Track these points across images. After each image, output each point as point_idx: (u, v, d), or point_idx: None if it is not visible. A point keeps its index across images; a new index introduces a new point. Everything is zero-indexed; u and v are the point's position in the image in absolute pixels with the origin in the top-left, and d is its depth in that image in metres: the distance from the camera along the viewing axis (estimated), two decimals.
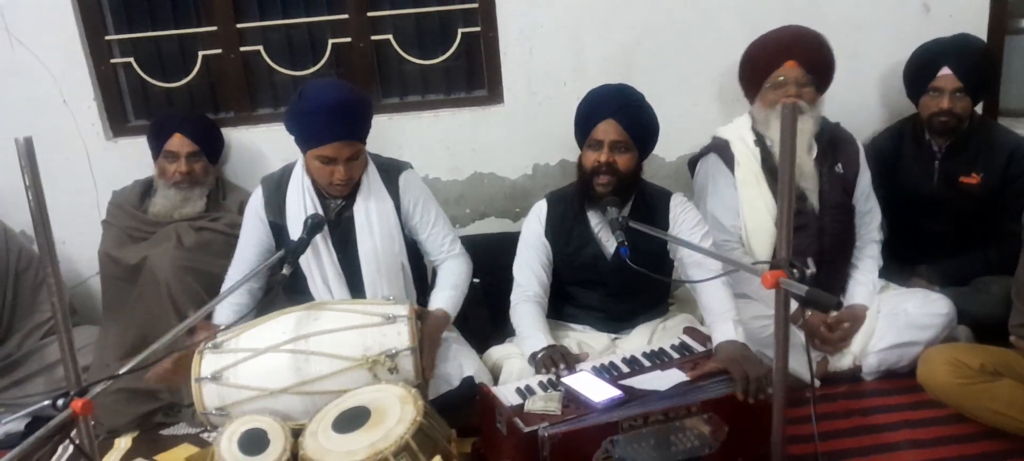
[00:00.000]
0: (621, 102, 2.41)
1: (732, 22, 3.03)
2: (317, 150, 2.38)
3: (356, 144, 2.42)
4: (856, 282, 2.76)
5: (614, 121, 2.37)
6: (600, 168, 2.37)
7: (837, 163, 2.70)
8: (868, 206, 2.78)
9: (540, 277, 2.51)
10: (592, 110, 2.44)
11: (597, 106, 2.43)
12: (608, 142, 2.36)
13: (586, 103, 2.49)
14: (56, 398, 1.53)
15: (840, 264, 2.77)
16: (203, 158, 2.92)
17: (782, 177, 1.62)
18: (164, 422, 2.74)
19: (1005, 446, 2.23)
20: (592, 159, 2.40)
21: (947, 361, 2.26)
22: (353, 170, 2.43)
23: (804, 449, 2.17)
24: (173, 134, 2.87)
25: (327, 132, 2.35)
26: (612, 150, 2.36)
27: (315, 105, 2.36)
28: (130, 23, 3.16)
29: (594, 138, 2.40)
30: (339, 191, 2.46)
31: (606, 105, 2.41)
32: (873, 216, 2.80)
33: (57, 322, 1.57)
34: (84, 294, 3.29)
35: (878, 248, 2.81)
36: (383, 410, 2.05)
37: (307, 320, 2.27)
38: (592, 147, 2.41)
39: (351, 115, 2.39)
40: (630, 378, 2.13)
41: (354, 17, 3.12)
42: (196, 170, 2.89)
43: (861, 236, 2.79)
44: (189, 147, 2.87)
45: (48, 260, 1.55)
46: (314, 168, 2.43)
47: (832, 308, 1.52)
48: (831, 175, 2.68)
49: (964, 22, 2.99)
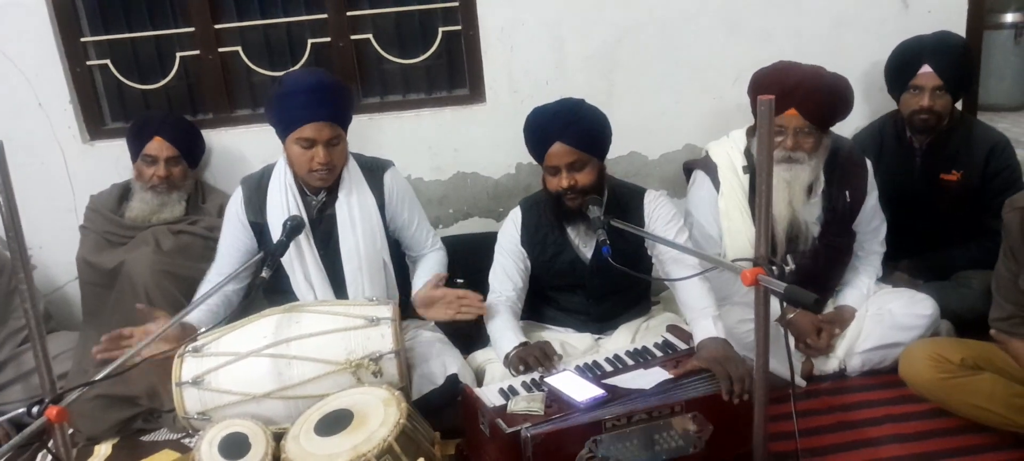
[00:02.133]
0: (565, 121, 2.33)
1: (713, 20, 3.04)
2: (296, 133, 2.37)
3: (335, 127, 2.41)
4: (849, 285, 2.75)
5: (562, 143, 2.30)
6: (565, 192, 2.34)
7: (845, 191, 2.61)
8: (874, 225, 2.73)
9: (515, 283, 2.50)
10: (539, 136, 2.36)
11: (543, 131, 2.35)
12: (564, 166, 2.32)
13: (531, 129, 2.40)
14: (31, 405, 1.51)
15: (834, 280, 2.76)
16: (182, 163, 2.89)
17: (760, 175, 1.62)
18: (144, 428, 2.70)
19: (986, 440, 2.24)
20: (554, 184, 2.35)
21: (928, 356, 2.27)
22: (334, 156, 2.41)
23: (788, 446, 2.17)
24: (153, 137, 2.83)
25: (305, 113, 2.35)
26: (570, 171, 2.32)
27: (293, 87, 2.39)
28: (106, 25, 3.12)
29: (549, 164, 2.34)
30: (320, 180, 2.44)
31: (551, 129, 2.33)
32: (878, 232, 2.75)
33: (30, 329, 1.55)
34: (61, 300, 3.25)
35: (879, 258, 2.79)
36: (366, 413, 2.04)
37: (288, 323, 2.25)
38: (550, 172, 2.36)
39: (329, 97, 2.40)
40: (613, 377, 2.13)
41: (333, 16, 3.09)
42: (175, 174, 2.86)
43: (863, 247, 2.76)
44: (169, 151, 2.84)
45: (20, 266, 1.52)
46: (294, 155, 2.42)
47: (810, 306, 1.51)
48: (841, 206, 2.61)
49: (943, 17, 3.01)
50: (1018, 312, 2.10)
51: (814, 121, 2.44)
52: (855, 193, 2.64)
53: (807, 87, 2.44)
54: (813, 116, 2.44)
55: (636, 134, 3.12)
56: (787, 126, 2.45)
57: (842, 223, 2.65)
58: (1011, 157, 2.83)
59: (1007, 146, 2.83)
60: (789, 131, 2.45)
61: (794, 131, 2.45)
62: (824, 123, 2.49)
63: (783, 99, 2.40)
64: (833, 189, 2.60)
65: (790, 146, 2.45)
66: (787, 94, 2.41)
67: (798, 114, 2.43)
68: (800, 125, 2.44)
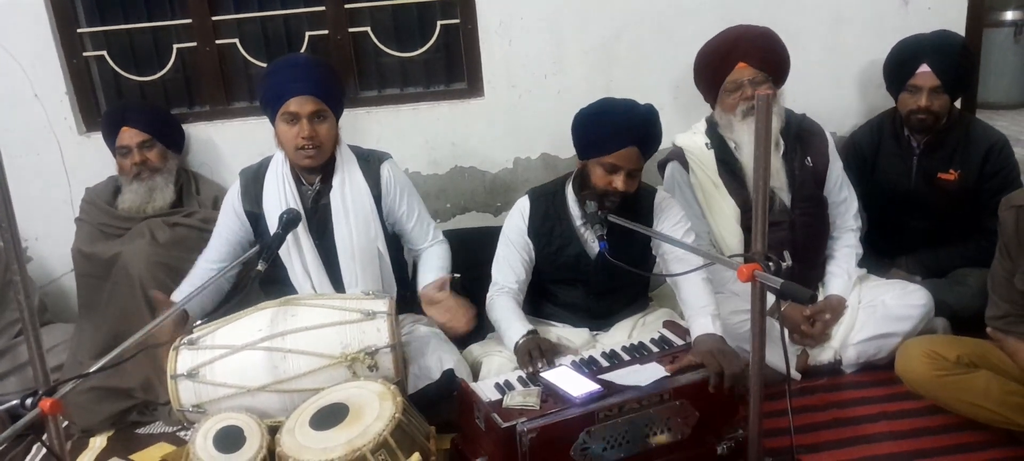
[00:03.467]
0: (649, 133, 2.31)
1: (712, 15, 3.03)
2: (281, 108, 2.39)
3: (319, 102, 2.41)
4: (832, 273, 2.76)
5: (637, 150, 2.27)
6: (613, 193, 2.28)
7: (806, 156, 2.67)
8: (842, 195, 2.76)
9: (519, 275, 2.49)
10: (614, 133, 2.26)
11: (621, 131, 2.26)
12: (627, 171, 2.27)
13: (604, 122, 2.30)
14: (24, 397, 1.50)
15: (815, 256, 2.77)
16: (157, 145, 2.88)
17: (757, 170, 1.61)
18: (139, 421, 2.71)
19: (981, 437, 2.25)
20: (605, 181, 2.28)
21: (924, 353, 2.28)
22: (319, 132, 2.41)
23: (783, 442, 2.17)
24: (121, 128, 2.84)
25: (290, 87, 2.39)
26: (629, 177, 2.28)
27: (280, 65, 2.48)
28: (102, 16, 3.11)
29: (609, 161, 2.26)
30: (308, 158, 2.42)
31: (632, 133, 2.26)
32: (848, 205, 2.78)
33: (24, 321, 1.55)
34: (57, 292, 3.25)
35: (855, 236, 2.79)
36: (361, 407, 2.03)
37: (283, 316, 2.25)
38: (607, 169, 2.27)
39: (312, 71, 2.45)
40: (609, 372, 2.13)
41: (331, 9, 3.08)
42: (151, 159, 2.86)
43: (837, 226, 2.79)
44: (139, 137, 2.84)
45: (14, 258, 1.52)
46: (282, 134, 2.43)
47: (806, 301, 1.51)
48: (801, 169, 2.66)
49: (943, 15, 3.01)
50: (1013, 310, 2.10)
51: (765, 69, 2.58)
52: (817, 158, 2.69)
53: (750, 39, 2.61)
54: (762, 64, 2.58)
55: None
56: (742, 79, 2.57)
57: (810, 190, 2.68)
58: (1009, 157, 2.83)
59: (1005, 146, 2.83)
60: (745, 83, 2.57)
61: (750, 82, 2.56)
62: (774, 71, 2.61)
63: (728, 57, 2.60)
64: (792, 154, 2.65)
65: (750, 95, 2.54)
66: (730, 52, 2.60)
67: (747, 65, 2.57)
68: (753, 76, 2.56)
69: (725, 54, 2.62)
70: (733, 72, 2.58)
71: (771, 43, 2.63)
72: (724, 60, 2.61)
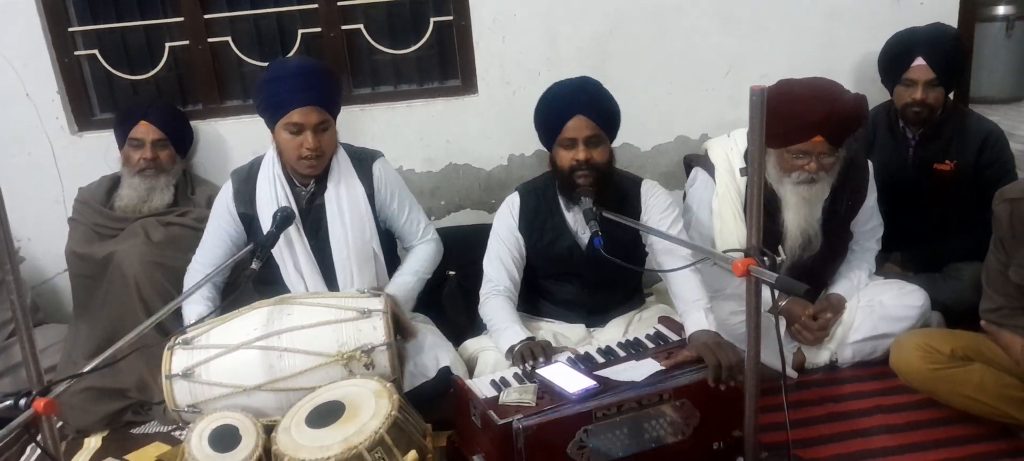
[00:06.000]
0: (590, 96, 2.36)
1: (706, 11, 3.03)
2: (285, 118, 2.36)
3: (323, 112, 2.39)
4: (841, 277, 2.75)
5: (584, 117, 2.32)
6: (579, 166, 2.32)
7: (847, 197, 2.60)
8: (871, 225, 2.73)
9: (511, 272, 2.49)
10: (559, 108, 2.36)
11: (564, 103, 2.35)
12: (582, 139, 2.32)
13: (549, 101, 2.41)
14: (18, 398, 1.50)
15: (827, 276, 2.75)
16: (169, 147, 2.88)
17: (751, 164, 1.62)
18: (134, 421, 2.70)
19: (976, 430, 2.26)
20: (568, 159, 2.34)
21: (919, 347, 2.28)
22: (322, 142, 2.40)
23: (779, 437, 2.18)
24: (139, 121, 2.83)
25: (293, 97, 2.35)
26: (588, 146, 2.32)
27: (281, 72, 2.41)
28: (94, 14, 3.10)
29: (565, 137, 2.33)
30: (309, 167, 2.42)
31: (574, 101, 2.34)
32: (875, 232, 2.76)
33: (17, 322, 1.54)
34: (49, 292, 3.23)
35: (873, 256, 2.78)
36: (357, 405, 2.03)
37: (278, 315, 2.24)
38: (565, 146, 2.35)
39: (317, 81, 2.41)
40: (605, 368, 2.13)
41: (324, 6, 3.07)
42: (161, 158, 2.85)
43: (859, 243, 2.76)
44: (155, 134, 2.83)
45: (6, 258, 1.51)
46: (283, 142, 2.41)
47: (801, 295, 1.52)
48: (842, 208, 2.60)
49: (935, 9, 3.01)
50: (1007, 303, 2.10)
51: (839, 145, 2.44)
52: (856, 195, 2.64)
53: (835, 118, 2.39)
54: (839, 141, 2.43)
55: (628, 126, 3.06)
56: (812, 151, 2.41)
57: (842, 224, 2.65)
58: (1004, 148, 2.85)
59: (1000, 137, 2.84)
60: (814, 155, 2.42)
61: (818, 155, 2.42)
62: (844, 143, 2.48)
63: (810, 129, 2.38)
64: (838, 192, 2.57)
65: (814, 169, 2.42)
66: (815, 125, 2.38)
67: (825, 141, 2.40)
68: (825, 150, 2.41)
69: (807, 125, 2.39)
70: (808, 143, 2.38)
71: (855, 123, 2.44)
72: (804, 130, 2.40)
